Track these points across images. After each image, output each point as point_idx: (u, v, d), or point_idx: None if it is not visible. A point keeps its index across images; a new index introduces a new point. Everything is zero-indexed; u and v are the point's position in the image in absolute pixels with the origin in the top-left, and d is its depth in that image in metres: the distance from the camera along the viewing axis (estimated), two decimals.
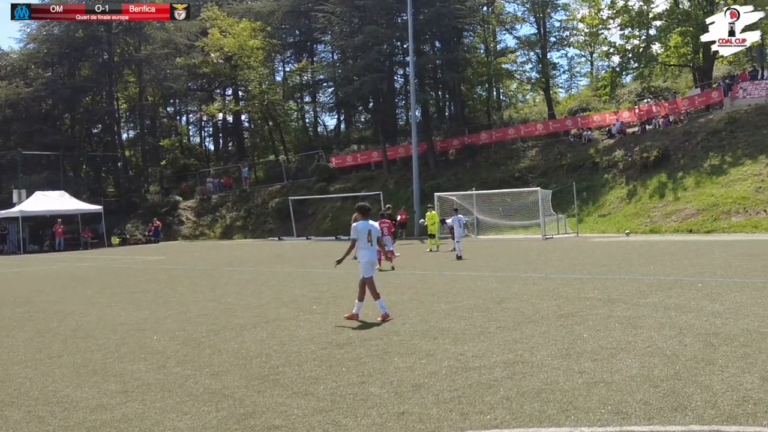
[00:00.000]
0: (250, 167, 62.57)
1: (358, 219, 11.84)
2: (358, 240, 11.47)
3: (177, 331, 11.19)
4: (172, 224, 55.27)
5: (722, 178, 32.50)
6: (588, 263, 18.60)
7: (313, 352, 9.02)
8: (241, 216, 53.97)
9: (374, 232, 11.55)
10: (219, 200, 57.21)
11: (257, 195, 55.60)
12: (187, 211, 57.19)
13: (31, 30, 61.28)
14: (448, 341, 9.21)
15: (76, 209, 49.13)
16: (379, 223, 23.72)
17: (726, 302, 10.99)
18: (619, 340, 8.61)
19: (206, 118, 69.43)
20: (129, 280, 21.61)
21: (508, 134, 48.40)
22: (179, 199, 58.34)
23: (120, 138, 66.36)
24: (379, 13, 47.52)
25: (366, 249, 11.46)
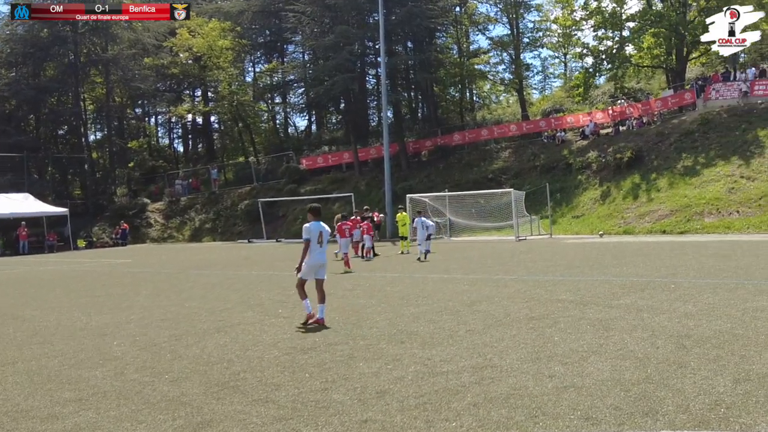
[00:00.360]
0: (220, 169, 61.80)
1: (310, 220, 11.53)
2: (311, 240, 11.23)
3: (138, 336, 10.86)
4: (140, 227, 54.13)
5: (695, 179, 32.59)
6: (561, 265, 18.42)
7: (277, 358, 8.74)
8: (210, 218, 53.13)
9: (325, 234, 11.42)
10: (188, 202, 56.25)
11: (227, 197, 54.81)
12: (156, 214, 56.12)
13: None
14: (416, 345, 8.95)
15: (41, 212, 48.08)
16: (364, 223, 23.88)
17: (699, 303, 10.83)
18: (591, 343, 8.40)
19: (175, 119, 68.39)
20: (93, 283, 21.14)
21: (482, 135, 48.26)
22: (147, 201, 57.22)
23: (87, 139, 65.05)
24: (350, 13, 47.10)
25: (316, 251, 11.27)
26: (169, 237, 53.12)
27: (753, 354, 7.41)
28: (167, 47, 58.17)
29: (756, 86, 37.59)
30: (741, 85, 37.94)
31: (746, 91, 37.33)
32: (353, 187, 46.61)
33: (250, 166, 57.90)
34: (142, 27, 59.45)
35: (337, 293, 14.93)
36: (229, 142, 70.09)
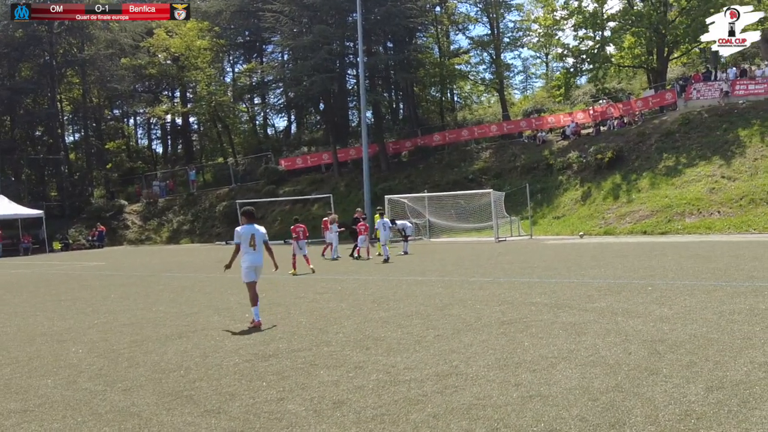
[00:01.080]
0: (198, 170, 61.20)
1: (243, 223, 11.83)
2: (241, 243, 11.52)
3: (98, 342, 10.52)
4: (117, 229, 53.45)
5: (676, 179, 32.40)
6: (538, 266, 18.11)
7: (236, 365, 8.41)
8: (188, 220, 52.51)
9: (258, 237, 11.66)
10: (165, 204, 55.58)
11: (205, 198, 54.22)
12: (133, 216, 55.46)
13: None
14: (381, 352, 8.61)
15: (15, 214, 47.38)
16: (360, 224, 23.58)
17: (675, 306, 10.52)
18: (561, 349, 8.07)
19: (155, 120, 67.76)
20: (62, 287, 20.70)
21: (462, 136, 47.96)
22: (125, 203, 56.65)
23: (64, 141, 64.31)
24: (329, 12, 46.61)
25: (248, 253, 11.55)
26: (146, 239, 52.44)
27: (727, 360, 7.11)
28: (145, 47, 57.53)
29: (737, 86, 37.51)
30: (722, 85, 37.85)
31: (727, 91, 37.23)
32: (332, 188, 46.20)
33: (228, 168, 57.34)
34: (119, 27, 58.86)
35: (307, 297, 14.67)
36: (208, 143, 69.64)
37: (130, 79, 60.57)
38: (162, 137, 75.59)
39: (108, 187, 62.29)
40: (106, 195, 60.59)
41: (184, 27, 52.90)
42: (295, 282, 18.10)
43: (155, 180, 59.96)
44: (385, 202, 34.86)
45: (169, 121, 69.14)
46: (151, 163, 69.29)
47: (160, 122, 68.86)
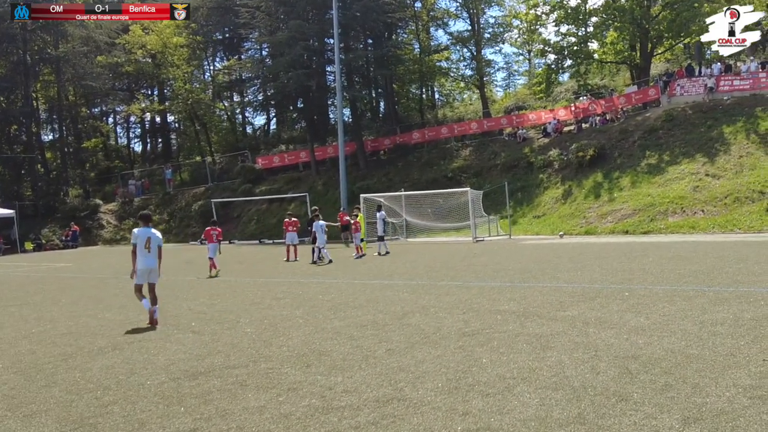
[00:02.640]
0: (175, 169, 60.24)
1: (140, 226, 12.02)
2: (137, 245, 11.68)
3: (24, 355, 9.66)
4: (92, 228, 52.36)
5: (659, 177, 31.61)
6: (512, 269, 17.18)
7: (159, 385, 7.48)
8: (164, 219, 51.50)
9: (154, 240, 11.83)
10: (141, 203, 54.44)
11: (181, 197, 53.41)
12: (108, 215, 54.47)
13: None
14: (323, 369, 7.65)
15: None
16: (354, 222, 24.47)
17: (652, 315, 9.60)
18: (522, 367, 7.12)
19: (134, 118, 66.77)
20: (16, 291, 19.77)
21: (441, 133, 47.13)
22: (100, 202, 55.63)
23: (39, 139, 62.98)
24: (305, 8, 45.69)
25: (143, 256, 11.71)
26: (122, 239, 51.23)
27: (708, 382, 6.18)
28: (120, 45, 56.22)
29: (721, 82, 36.77)
30: (706, 81, 37.11)
31: (711, 87, 36.48)
32: (310, 187, 45.60)
33: (205, 166, 56.37)
34: (95, 24, 57.48)
35: (263, 303, 13.79)
36: (185, 141, 68.58)
37: (106, 76, 59.59)
38: (142, 136, 74.81)
39: (84, 186, 61.18)
40: (82, 194, 59.47)
41: (160, 24, 51.72)
42: (257, 286, 17.15)
43: (131, 179, 59.12)
44: (361, 201, 34.00)
45: (149, 119, 68.40)
46: (129, 162, 68.34)
47: (137, 120, 68.10)
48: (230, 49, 66.55)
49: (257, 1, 46.52)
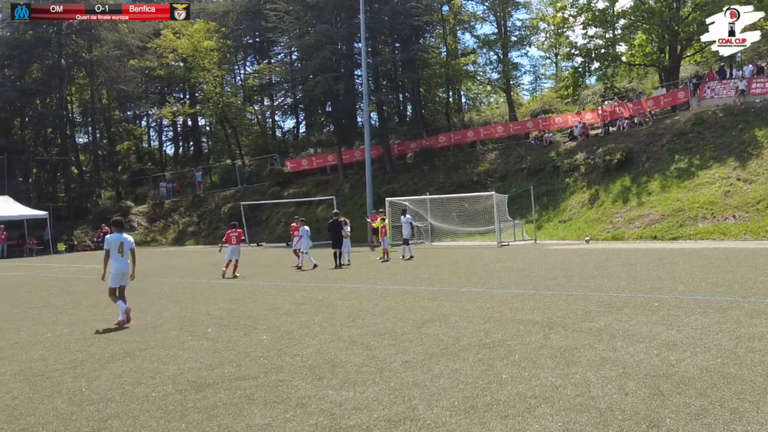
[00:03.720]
0: (206, 171, 60.81)
1: (113, 232, 12.53)
2: (110, 250, 12.29)
3: (35, 362, 9.41)
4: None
5: (689, 181, 30.83)
6: (537, 275, 16.70)
7: (164, 397, 7.17)
8: (193, 221, 52.19)
9: (126, 245, 12.44)
10: (172, 205, 55.43)
11: (211, 200, 53.81)
12: (139, 217, 55.24)
13: None
14: (335, 383, 7.29)
15: (20, 215, 47.32)
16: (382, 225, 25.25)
17: (684, 328, 9.10)
18: (545, 385, 6.68)
19: (166, 122, 67.92)
20: (41, 292, 19.76)
21: (467, 137, 46.71)
22: (131, 204, 56.50)
23: (74, 141, 64.28)
24: (333, 11, 45.76)
25: (116, 260, 12.33)
26: (152, 240, 52.20)
27: (748, 407, 5.70)
28: (152, 48, 56.97)
29: (753, 84, 35.85)
30: (738, 83, 36.22)
31: (743, 90, 35.61)
32: (337, 190, 45.61)
33: (235, 169, 56.78)
34: (128, 28, 58.98)
35: (282, 308, 13.50)
36: (216, 144, 69.51)
37: (138, 80, 60.83)
38: (174, 139, 76.13)
39: (117, 188, 62.37)
40: (114, 196, 60.67)
41: (191, 28, 52.64)
42: (279, 290, 16.88)
43: (162, 181, 59.83)
44: (386, 204, 33.70)
45: (181, 122, 69.40)
46: (161, 165, 69.38)
47: (169, 123, 69.57)
48: (260, 53, 67.18)
49: (286, 5, 46.68)
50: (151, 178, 61.48)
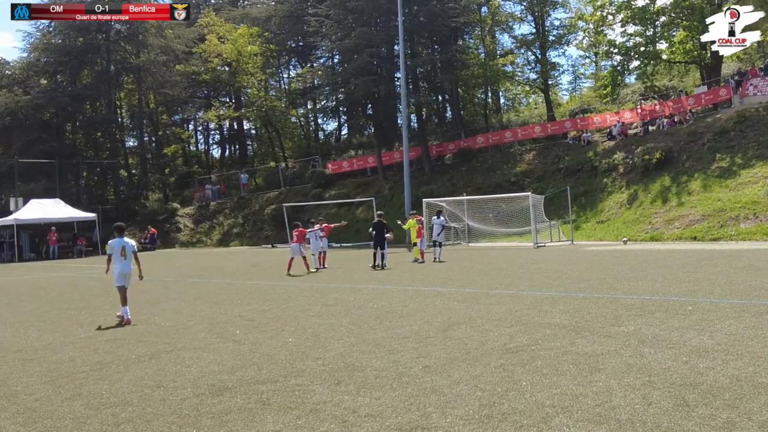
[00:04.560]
0: (250, 174, 61.70)
1: (116, 236, 13.66)
2: (113, 254, 13.38)
3: (63, 363, 9.50)
4: (169, 232, 54.63)
5: (730, 181, 30.07)
6: (570, 277, 16.40)
7: (181, 401, 7.14)
8: (238, 223, 53.00)
9: (128, 248, 13.51)
10: (217, 207, 56.42)
11: (255, 201, 54.52)
12: (185, 218, 56.41)
13: (34, 40, 61.42)
14: (352, 388, 7.18)
15: (70, 217, 48.64)
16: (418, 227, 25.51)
17: (717, 333, 8.79)
18: (566, 393, 6.48)
19: (213, 125, 69.48)
20: (83, 293, 20.14)
21: (505, 137, 46.32)
22: (177, 206, 57.81)
23: (123, 145, 65.94)
24: (371, 14, 45.96)
25: (119, 262, 13.36)
26: (197, 241, 53.18)
27: None
28: (197, 53, 58.19)
29: None
30: None
31: None
32: (376, 191, 45.86)
33: (278, 171, 57.48)
34: (173, 34, 60.49)
35: (313, 310, 13.51)
36: (261, 147, 70.60)
37: (184, 84, 61.81)
38: (221, 142, 77.85)
39: (164, 190, 63.75)
40: (162, 198, 62.04)
41: (235, 33, 53.55)
42: (312, 291, 16.95)
43: (208, 183, 61.00)
44: (423, 205, 33.58)
45: (227, 126, 70.93)
46: (207, 167, 70.92)
47: (216, 127, 71.11)
48: (302, 56, 67.90)
49: (326, 9, 47.07)
50: (197, 181, 62.70)
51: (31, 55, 62.11)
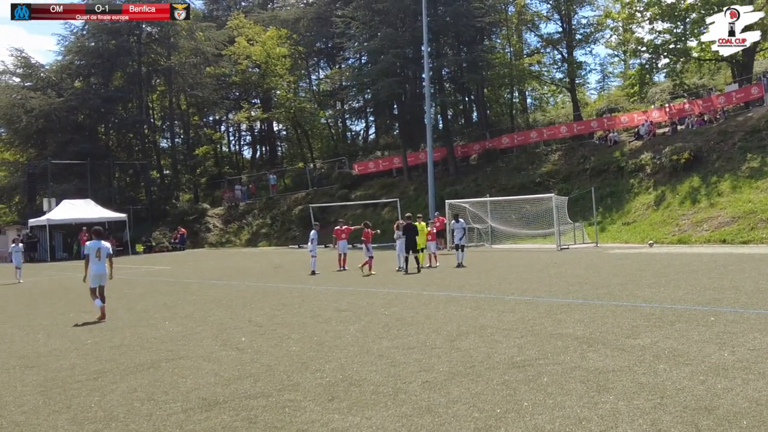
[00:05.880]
0: (279, 174, 62.02)
1: (93, 239, 14.49)
2: (89, 254, 14.22)
3: (62, 371, 9.32)
4: (198, 232, 55.24)
5: (762, 182, 29.10)
6: (590, 282, 15.86)
7: (168, 417, 6.86)
8: (266, 223, 53.35)
9: (103, 250, 14.31)
10: (246, 207, 56.91)
11: (283, 202, 54.86)
12: (215, 219, 56.99)
13: (68, 43, 62.49)
14: (344, 406, 6.82)
15: (101, 217, 48.95)
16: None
17: (739, 349, 8.23)
18: (568, 416, 6.03)
19: (244, 127, 70.33)
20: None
21: (530, 138, 45.66)
22: (207, 206, 58.47)
23: (155, 146, 66.51)
24: (397, 15, 45.76)
25: (94, 264, 14.21)
26: (227, 242, 53.59)
27: None
28: (227, 56, 58.65)
29: None
30: None
31: None
32: (401, 192, 45.77)
33: (306, 172, 57.64)
34: (203, 36, 61.21)
35: (323, 316, 13.22)
36: (290, 148, 71.30)
37: (213, 86, 62.48)
38: (252, 143, 78.68)
39: (195, 191, 64.46)
40: (192, 199, 62.70)
41: (264, 35, 53.92)
42: (327, 295, 16.77)
43: (238, 184, 61.55)
44: (446, 207, 33.13)
45: (258, 128, 71.95)
46: (237, 168, 71.66)
47: (247, 128, 72.12)
48: (331, 57, 68.08)
49: (353, 11, 47.47)
50: (227, 182, 63.30)
51: (65, 58, 63.06)
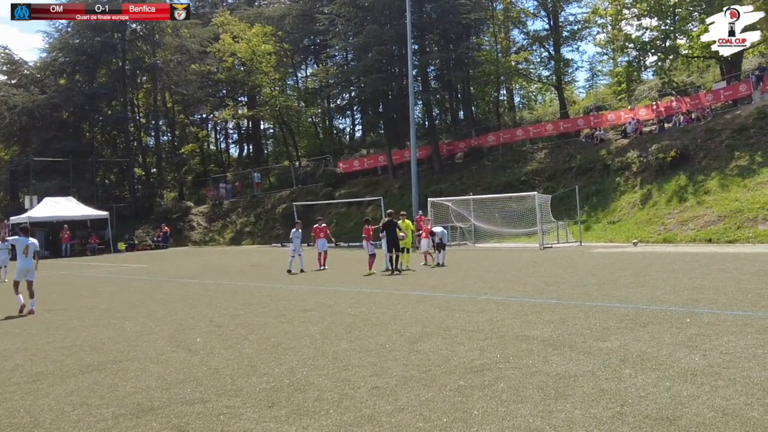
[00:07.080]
0: (264, 173, 61.54)
1: (22, 236, 15.36)
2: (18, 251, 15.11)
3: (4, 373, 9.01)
4: (182, 230, 54.72)
5: (749, 180, 28.66)
6: (566, 282, 15.34)
7: (95, 424, 6.42)
8: (250, 221, 52.92)
9: (31, 247, 15.12)
10: (230, 206, 56.52)
11: (267, 200, 54.37)
12: (199, 217, 56.49)
13: (53, 40, 61.77)
14: (283, 414, 6.33)
15: (83, 215, 48.83)
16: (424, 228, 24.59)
17: (711, 353, 7.72)
18: (519, 426, 5.53)
19: (231, 125, 70.15)
20: (73, 293, 19.88)
21: (516, 136, 45.10)
22: (191, 204, 58.01)
23: (140, 143, 65.91)
24: (382, 12, 45.13)
25: (21, 259, 15.05)
26: (210, 240, 53.22)
27: None
28: (212, 53, 57.84)
29: None
30: None
31: None
32: (386, 191, 45.34)
33: (291, 170, 57.22)
34: (189, 33, 60.56)
35: (288, 315, 12.81)
36: (276, 146, 70.78)
37: (198, 84, 61.95)
38: (239, 141, 78.14)
39: (180, 189, 64.00)
40: (177, 197, 62.25)
41: (248, 32, 53.24)
42: (296, 294, 16.33)
43: (222, 182, 61.06)
44: (428, 205, 32.65)
45: (245, 125, 71.26)
46: (223, 166, 70.95)
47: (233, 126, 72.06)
48: (316, 55, 67.43)
49: (337, 8, 46.77)
50: (212, 179, 62.82)
51: (50, 56, 62.33)
